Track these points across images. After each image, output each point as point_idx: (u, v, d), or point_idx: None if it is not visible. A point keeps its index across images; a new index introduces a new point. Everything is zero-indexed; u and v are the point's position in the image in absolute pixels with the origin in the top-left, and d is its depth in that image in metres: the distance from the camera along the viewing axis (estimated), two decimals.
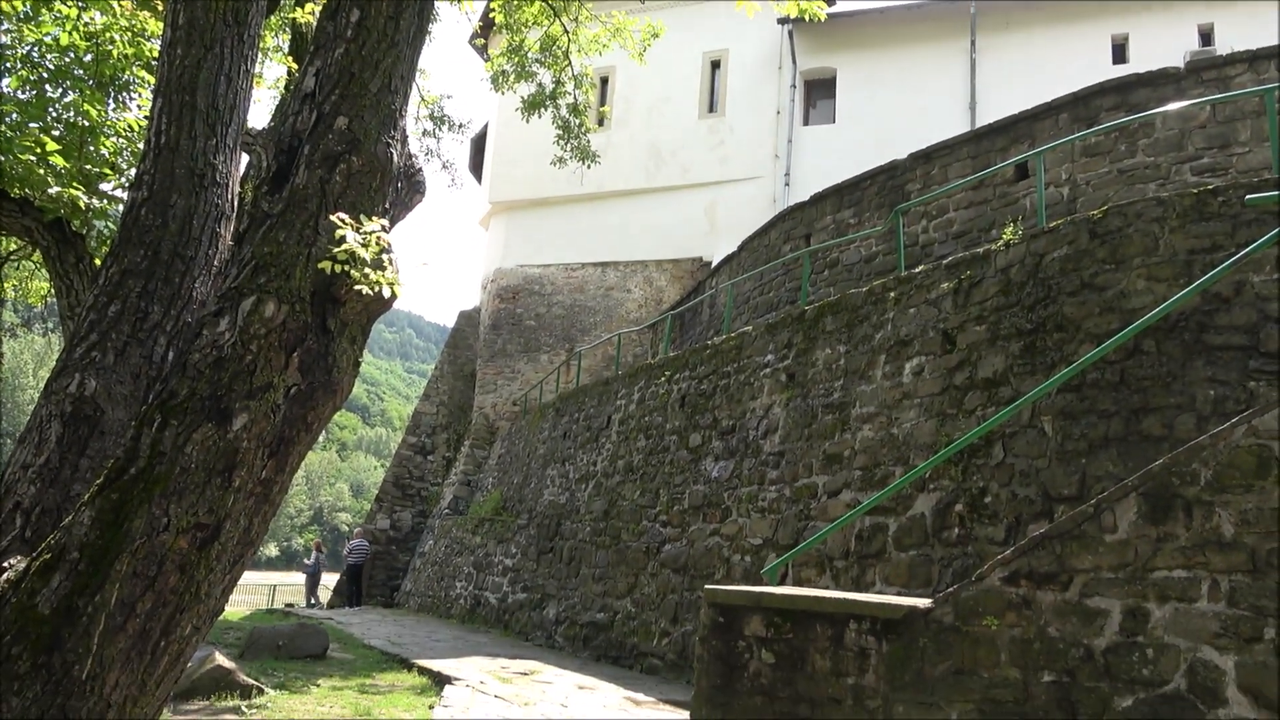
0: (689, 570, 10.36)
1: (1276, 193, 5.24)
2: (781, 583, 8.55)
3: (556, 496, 14.69)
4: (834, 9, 20.82)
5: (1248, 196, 5.21)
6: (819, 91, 21.93)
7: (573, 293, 23.12)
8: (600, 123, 21.17)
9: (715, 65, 22.64)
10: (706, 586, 5.70)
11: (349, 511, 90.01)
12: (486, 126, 26.13)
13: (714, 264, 19.85)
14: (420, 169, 5.76)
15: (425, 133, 15.59)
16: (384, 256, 3.83)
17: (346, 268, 3.55)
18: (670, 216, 22.05)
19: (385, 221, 4.40)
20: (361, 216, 3.84)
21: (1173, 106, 10.27)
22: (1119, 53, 18.78)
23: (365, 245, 3.62)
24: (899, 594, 7.27)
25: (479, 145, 27.12)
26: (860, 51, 21.01)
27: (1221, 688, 4.03)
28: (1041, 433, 7.00)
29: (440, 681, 8.56)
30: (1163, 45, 17.95)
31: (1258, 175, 9.06)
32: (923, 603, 4.95)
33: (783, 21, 20.27)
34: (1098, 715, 4.24)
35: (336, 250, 3.54)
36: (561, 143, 14.63)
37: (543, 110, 14.05)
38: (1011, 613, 4.61)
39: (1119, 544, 4.41)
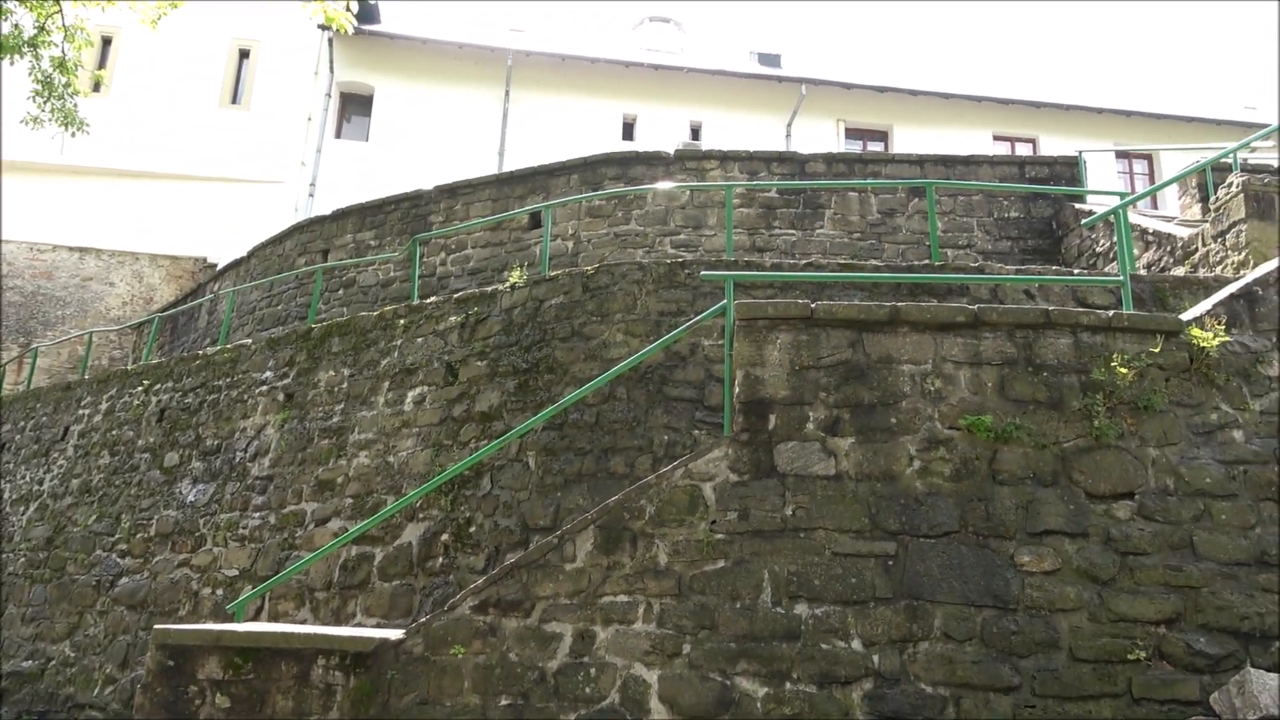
0: (149, 606, 9.18)
1: (724, 272, 6.21)
2: (256, 618, 7.96)
3: None
4: (375, 27, 20.64)
5: (703, 273, 6.11)
6: (355, 107, 21.45)
7: (37, 278, 19.55)
8: (96, 88, 18.40)
9: (244, 54, 21.00)
10: (156, 627, 5.07)
11: None
12: None
13: (220, 267, 18.21)
14: None
15: None
16: None
17: None
18: (173, 208, 19.78)
19: None
20: None
21: (661, 185, 11.83)
22: (628, 130, 21.22)
23: None
24: (378, 625, 7.16)
25: None
26: (402, 76, 21.03)
27: (646, 699, 4.57)
28: (526, 467, 7.45)
29: None
30: (662, 131, 20.70)
31: (717, 255, 10.76)
32: (395, 634, 4.92)
33: (323, 28, 19.50)
34: None
35: None
36: (40, 100, 12.34)
37: (17, 57, 11.75)
38: (478, 640, 4.77)
39: (576, 572, 4.81)
